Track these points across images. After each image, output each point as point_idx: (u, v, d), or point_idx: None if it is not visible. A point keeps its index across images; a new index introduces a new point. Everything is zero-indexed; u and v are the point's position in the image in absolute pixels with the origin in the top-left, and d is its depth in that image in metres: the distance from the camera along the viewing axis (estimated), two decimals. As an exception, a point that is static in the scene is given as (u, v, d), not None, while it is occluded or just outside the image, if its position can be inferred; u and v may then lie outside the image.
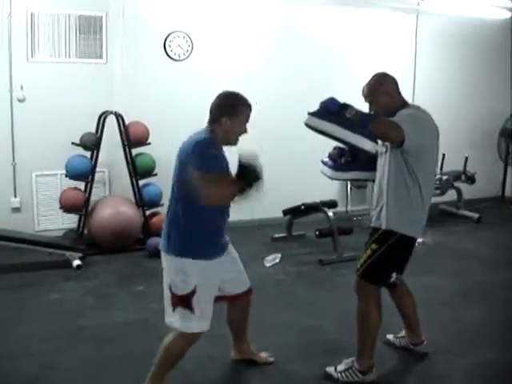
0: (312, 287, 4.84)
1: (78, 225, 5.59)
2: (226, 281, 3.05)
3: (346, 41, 6.97)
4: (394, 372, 3.48)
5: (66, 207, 5.48)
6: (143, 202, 5.66)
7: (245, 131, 2.90)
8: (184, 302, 2.81)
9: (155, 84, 6.01)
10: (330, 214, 5.60)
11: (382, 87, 3.09)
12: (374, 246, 3.12)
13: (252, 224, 6.52)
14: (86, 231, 5.59)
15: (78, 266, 5.02)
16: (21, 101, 5.57)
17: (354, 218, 6.89)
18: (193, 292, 2.78)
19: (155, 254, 5.33)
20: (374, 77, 3.16)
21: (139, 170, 5.60)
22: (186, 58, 6.16)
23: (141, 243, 5.57)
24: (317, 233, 5.55)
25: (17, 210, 5.74)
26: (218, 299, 3.02)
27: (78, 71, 5.71)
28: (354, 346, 3.28)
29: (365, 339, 3.22)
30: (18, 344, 3.64)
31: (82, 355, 3.52)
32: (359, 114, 2.92)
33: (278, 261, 5.40)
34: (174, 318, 2.85)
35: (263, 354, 3.48)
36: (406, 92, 7.26)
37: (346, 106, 2.94)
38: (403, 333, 3.67)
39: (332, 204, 5.87)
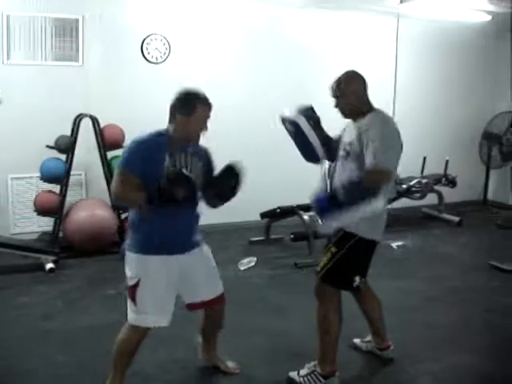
0: (285, 291, 4.81)
1: (54, 228, 5.56)
2: (193, 285, 3.02)
3: (326, 44, 6.96)
4: (359, 377, 3.46)
5: (41, 210, 5.45)
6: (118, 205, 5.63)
7: (205, 129, 2.89)
8: (130, 293, 2.87)
9: (132, 87, 5.99)
10: (306, 217, 5.58)
11: (351, 85, 3.09)
12: (333, 249, 3.11)
13: (232, 227, 6.51)
14: (61, 234, 5.56)
15: (51, 269, 5.00)
16: (-4, 103, 5.56)
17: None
18: (136, 284, 2.83)
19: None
20: (344, 74, 3.14)
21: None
22: (164, 60, 6.14)
23: (117, 246, 5.53)
24: (292, 236, 5.55)
25: (-8, 212, 5.72)
26: (191, 307, 3.09)
27: (53, 74, 5.69)
28: (316, 351, 3.26)
29: (325, 344, 3.20)
30: (-18, 348, 3.62)
31: (46, 359, 3.50)
32: (348, 190, 2.90)
33: (252, 264, 5.38)
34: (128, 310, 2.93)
35: (230, 364, 3.44)
36: (386, 95, 7.35)
37: (334, 195, 2.94)
38: (369, 337, 3.66)
39: (308, 207, 5.83)
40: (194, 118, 2.81)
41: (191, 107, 2.81)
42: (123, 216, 5.70)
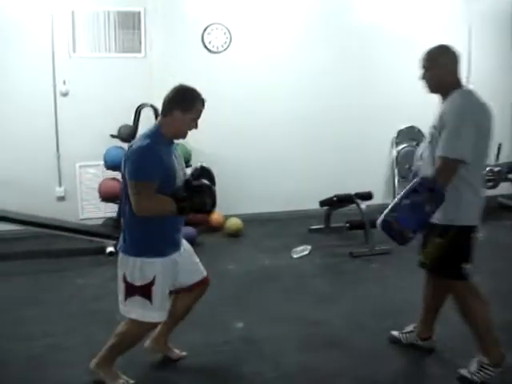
0: (333, 280, 4.76)
1: (118, 213, 5.78)
2: (181, 274, 3.05)
3: (391, 24, 6.74)
4: (393, 371, 3.33)
5: (105, 197, 5.69)
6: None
7: (195, 127, 2.90)
8: (143, 291, 2.86)
9: (192, 76, 5.95)
10: (363, 206, 5.47)
11: (441, 58, 2.99)
12: (439, 240, 2.98)
13: (294, 215, 6.51)
14: (124, 220, 5.78)
15: (111, 253, 5.22)
16: (64, 95, 5.85)
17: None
18: (152, 283, 2.85)
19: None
20: (437, 45, 3.04)
21: (175, 161, 5.72)
22: (224, 50, 6.21)
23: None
24: (347, 225, 5.46)
25: (61, 198, 6.05)
26: (175, 292, 3.13)
27: (117, 65, 5.92)
28: (353, 342, 3.27)
29: (479, 334, 3.08)
30: (32, 324, 3.85)
31: (88, 337, 3.65)
32: (431, 196, 2.77)
33: (306, 252, 5.36)
34: (129, 308, 2.93)
35: (176, 350, 3.41)
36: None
37: (428, 200, 2.79)
38: (411, 327, 3.53)
39: (367, 196, 5.72)
40: (189, 114, 2.83)
41: (191, 104, 2.83)
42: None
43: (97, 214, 6.08)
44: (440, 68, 2.96)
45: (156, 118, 5.66)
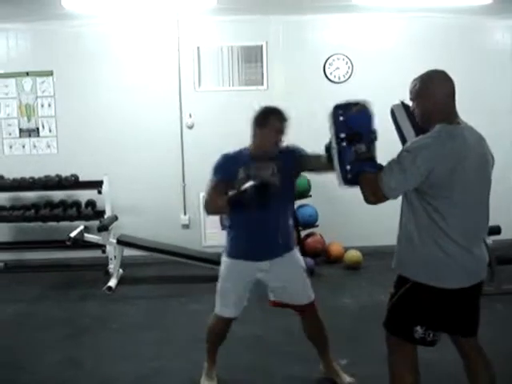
0: (452, 319, 4.46)
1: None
2: (275, 288, 3.28)
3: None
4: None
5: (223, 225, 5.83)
6: (298, 222, 5.78)
7: (278, 139, 3.15)
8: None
9: (315, 107, 6.09)
10: (489, 241, 5.09)
11: (429, 86, 2.49)
12: (392, 291, 2.66)
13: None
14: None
15: (227, 281, 5.32)
16: (189, 127, 6.13)
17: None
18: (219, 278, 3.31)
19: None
20: (427, 71, 2.57)
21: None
22: (346, 80, 6.18)
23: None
24: (471, 261, 5.10)
25: (186, 226, 6.31)
26: (278, 305, 3.35)
27: (240, 98, 6.09)
28: None
29: None
30: (144, 346, 4.05)
31: (194, 362, 3.71)
32: (365, 156, 2.50)
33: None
34: None
35: (346, 376, 3.45)
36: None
37: (360, 136, 2.52)
38: None
39: (494, 230, 5.32)
40: (265, 129, 3.14)
41: (264, 120, 3.15)
42: (304, 233, 5.85)
43: (219, 242, 6.20)
44: (426, 98, 2.48)
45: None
